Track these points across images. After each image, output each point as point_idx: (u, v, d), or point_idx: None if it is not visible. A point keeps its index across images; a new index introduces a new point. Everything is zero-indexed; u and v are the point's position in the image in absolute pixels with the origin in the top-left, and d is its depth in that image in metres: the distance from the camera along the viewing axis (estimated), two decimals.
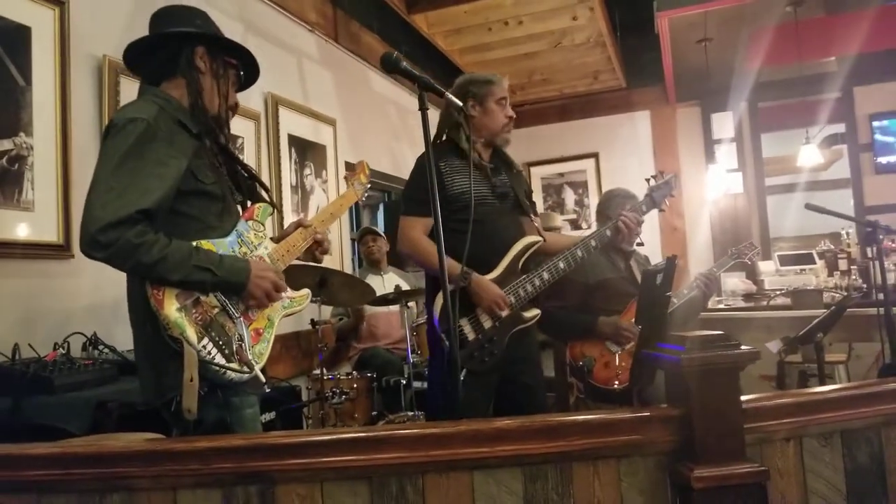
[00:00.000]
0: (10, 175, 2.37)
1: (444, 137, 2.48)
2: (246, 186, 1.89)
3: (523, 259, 2.40)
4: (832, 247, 5.47)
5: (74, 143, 2.60)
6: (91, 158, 2.52)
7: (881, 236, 2.50)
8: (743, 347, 1.28)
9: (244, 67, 1.88)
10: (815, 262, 5.50)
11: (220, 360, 1.58)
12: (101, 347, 2.39)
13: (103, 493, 1.29)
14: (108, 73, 2.77)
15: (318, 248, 1.93)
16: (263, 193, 1.93)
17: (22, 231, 2.41)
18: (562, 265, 2.42)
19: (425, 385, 3.43)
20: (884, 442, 1.38)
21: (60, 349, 2.25)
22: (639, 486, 1.28)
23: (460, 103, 1.87)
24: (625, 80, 6.55)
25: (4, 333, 2.26)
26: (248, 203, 1.88)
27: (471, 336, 2.26)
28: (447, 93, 1.75)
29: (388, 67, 1.62)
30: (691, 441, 1.25)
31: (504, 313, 2.29)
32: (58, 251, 2.51)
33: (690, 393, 1.27)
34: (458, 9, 4.62)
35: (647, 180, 2.79)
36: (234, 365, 1.60)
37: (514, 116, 2.50)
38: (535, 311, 2.40)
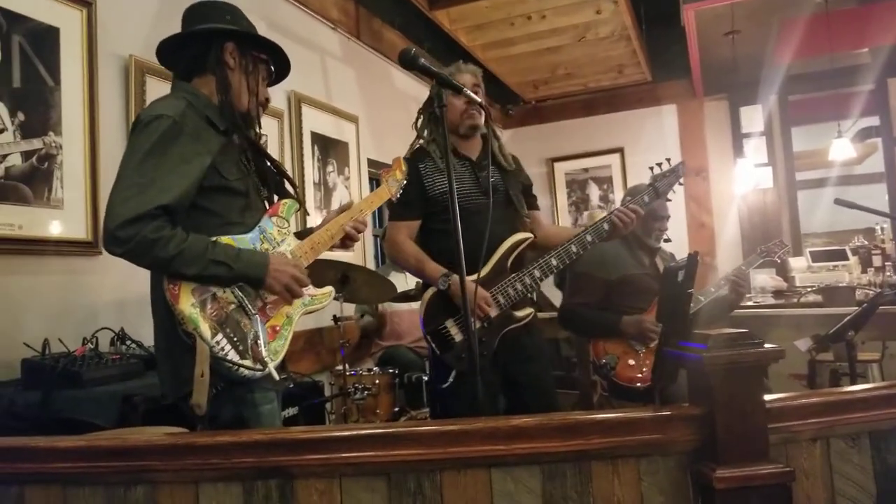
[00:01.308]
0: (40, 174, 2.42)
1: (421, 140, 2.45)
2: (273, 182, 1.89)
3: (512, 257, 2.31)
4: (866, 242, 5.34)
5: (102, 142, 2.65)
6: (118, 157, 2.56)
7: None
8: (767, 346, 1.26)
9: (275, 62, 1.88)
10: (848, 259, 5.38)
11: (233, 356, 1.58)
12: (128, 342, 2.43)
13: (127, 485, 1.31)
14: (134, 73, 2.82)
15: (348, 239, 1.91)
16: (290, 189, 1.92)
17: (52, 228, 2.46)
18: (554, 262, 2.30)
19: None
20: None
21: (89, 344, 2.29)
22: (659, 485, 1.26)
23: (479, 100, 1.85)
24: (650, 74, 6.46)
25: (35, 328, 2.31)
26: (275, 198, 1.88)
27: (458, 338, 2.20)
28: (465, 89, 1.74)
29: (406, 64, 1.61)
30: (713, 441, 1.23)
31: (493, 312, 2.22)
32: (86, 248, 2.56)
33: (712, 392, 1.24)
34: (479, 4, 4.59)
35: (651, 168, 2.61)
36: (247, 362, 1.60)
37: (475, 100, 2.27)
38: (528, 311, 2.32)
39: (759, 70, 5.90)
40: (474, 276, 2.17)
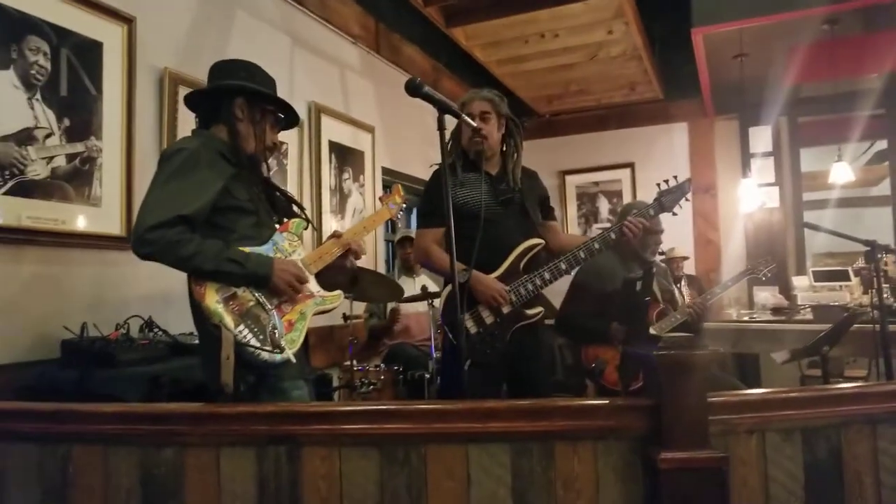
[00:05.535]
0: (82, 174, 2.68)
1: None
2: (282, 207, 2.17)
3: (525, 260, 2.56)
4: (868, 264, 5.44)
5: (137, 146, 2.90)
6: (151, 160, 2.81)
7: (880, 255, 2.60)
8: (709, 349, 1.46)
9: (283, 110, 2.16)
10: (850, 280, 5.49)
11: (254, 342, 1.84)
12: (155, 329, 2.67)
13: (159, 446, 1.54)
14: (168, 84, 3.07)
15: (351, 255, 2.17)
16: (299, 212, 2.20)
17: (91, 224, 2.72)
18: (563, 266, 2.54)
19: None
20: (843, 440, 1.52)
21: (122, 329, 2.54)
22: (613, 465, 1.46)
23: (474, 124, 2.07)
24: (662, 92, 6.60)
25: (73, 313, 2.57)
26: (284, 220, 2.15)
27: (473, 329, 2.46)
28: (463, 115, 1.96)
29: (411, 92, 1.83)
30: (659, 428, 1.43)
31: (505, 309, 2.48)
32: (120, 242, 2.81)
33: (661, 387, 1.45)
34: (495, 22, 4.77)
35: (658, 185, 2.76)
36: (267, 347, 1.85)
37: (478, 128, 2.53)
38: (539, 309, 2.56)
39: (767, 92, 6.03)
40: (493, 275, 2.49)
